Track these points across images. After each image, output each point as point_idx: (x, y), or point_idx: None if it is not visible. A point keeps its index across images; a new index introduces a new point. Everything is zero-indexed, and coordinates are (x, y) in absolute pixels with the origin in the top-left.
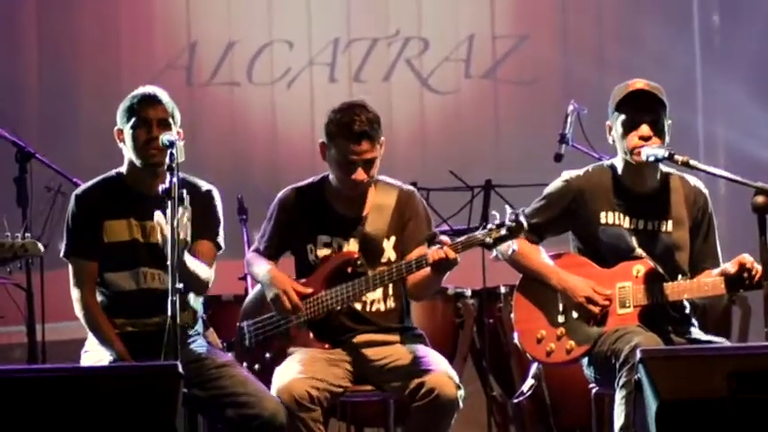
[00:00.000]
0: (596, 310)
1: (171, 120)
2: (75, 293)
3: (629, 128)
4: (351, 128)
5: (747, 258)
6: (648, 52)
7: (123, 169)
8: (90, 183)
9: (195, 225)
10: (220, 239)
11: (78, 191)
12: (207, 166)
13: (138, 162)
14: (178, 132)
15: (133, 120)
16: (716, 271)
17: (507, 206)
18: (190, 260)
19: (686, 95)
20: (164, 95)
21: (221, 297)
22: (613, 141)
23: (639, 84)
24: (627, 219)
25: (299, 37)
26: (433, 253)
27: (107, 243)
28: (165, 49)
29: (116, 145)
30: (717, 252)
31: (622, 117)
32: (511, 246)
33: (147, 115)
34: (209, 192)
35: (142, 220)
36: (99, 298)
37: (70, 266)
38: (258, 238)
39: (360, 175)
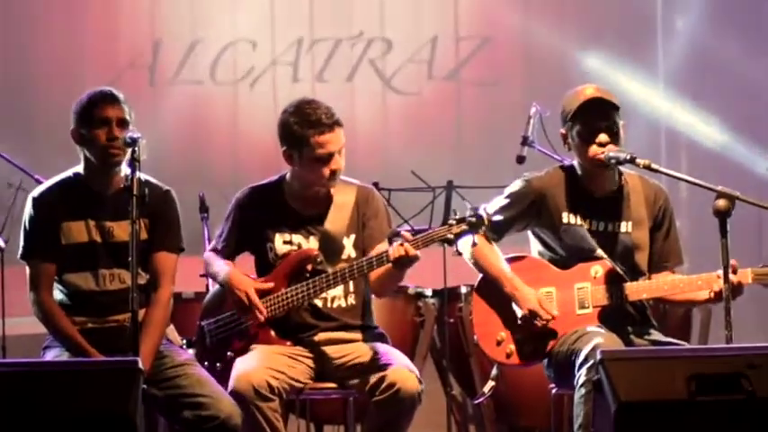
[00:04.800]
0: (538, 324)
1: (128, 118)
2: (31, 295)
3: (587, 138)
4: (321, 120)
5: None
6: (610, 54)
7: (80, 169)
8: (46, 184)
9: (155, 230)
10: (181, 242)
11: (35, 193)
12: (169, 165)
13: (97, 162)
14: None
15: (92, 119)
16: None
17: (467, 202)
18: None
19: (649, 91)
20: (120, 95)
21: (182, 294)
22: (569, 149)
23: (590, 90)
24: (586, 221)
25: (263, 36)
26: (395, 250)
27: (65, 245)
28: (128, 47)
29: None
30: (679, 250)
31: (578, 127)
32: (473, 239)
33: (106, 114)
34: (167, 192)
35: (100, 220)
36: (58, 296)
37: (27, 268)
38: (216, 237)
39: (337, 163)
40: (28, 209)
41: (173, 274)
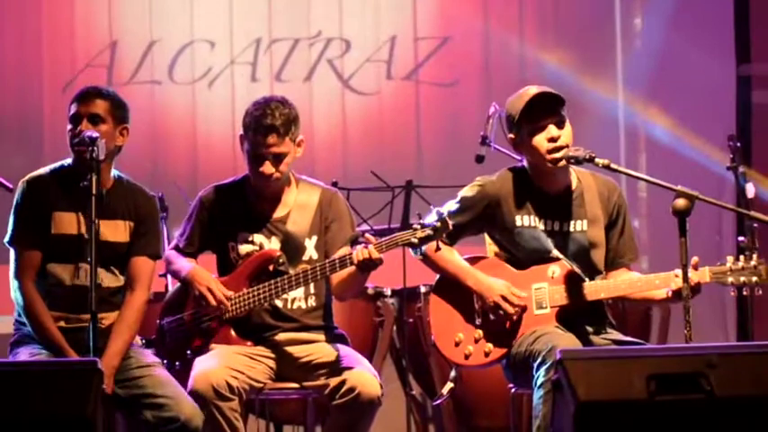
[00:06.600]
0: (511, 309)
1: (109, 116)
2: (15, 281)
3: (538, 134)
4: (261, 121)
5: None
6: (569, 54)
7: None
8: (41, 170)
9: (137, 234)
10: (161, 251)
11: (29, 177)
12: (127, 165)
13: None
14: (126, 128)
15: (69, 115)
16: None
17: (432, 206)
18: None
19: (608, 91)
20: (105, 91)
21: None
22: (521, 152)
23: (532, 90)
24: (540, 221)
25: (221, 36)
26: (358, 252)
27: (53, 234)
28: (85, 47)
29: (34, 143)
30: (635, 245)
31: (527, 127)
32: (436, 243)
33: (77, 110)
34: (152, 199)
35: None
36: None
37: (12, 253)
38: (178, 235)
39: (267, 168)
40: (19, 192)
41: (149, 280)
